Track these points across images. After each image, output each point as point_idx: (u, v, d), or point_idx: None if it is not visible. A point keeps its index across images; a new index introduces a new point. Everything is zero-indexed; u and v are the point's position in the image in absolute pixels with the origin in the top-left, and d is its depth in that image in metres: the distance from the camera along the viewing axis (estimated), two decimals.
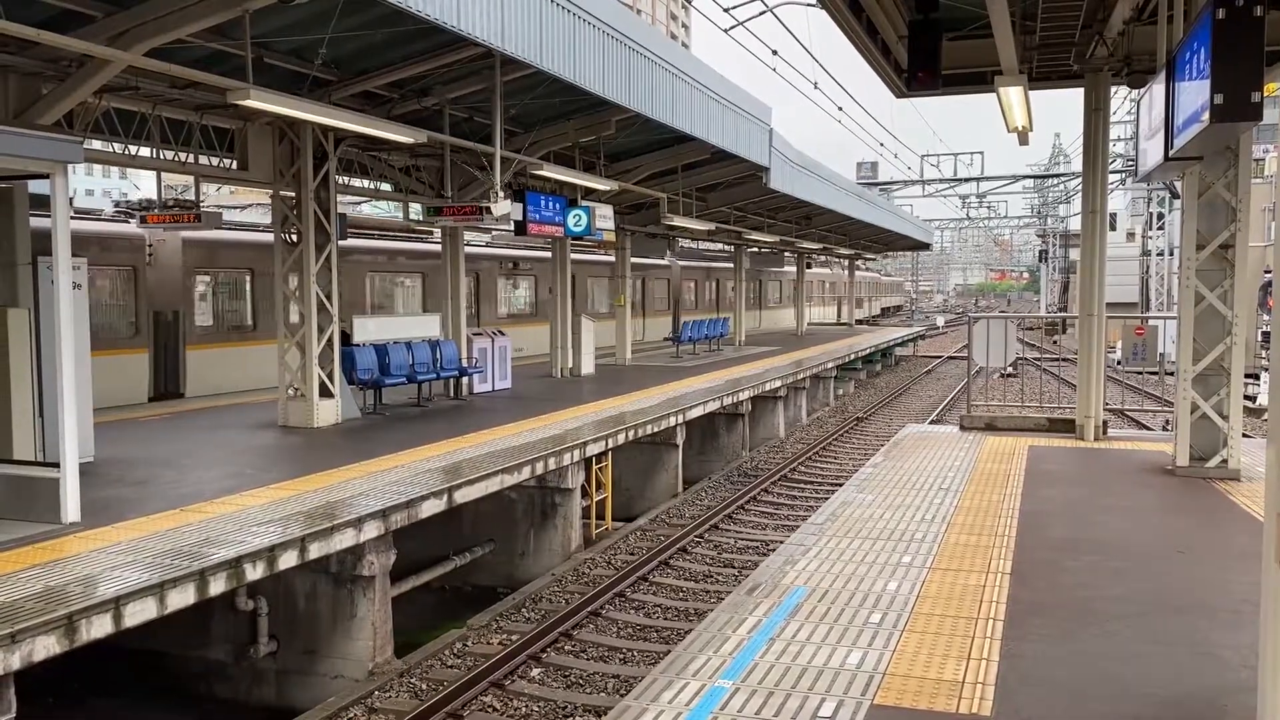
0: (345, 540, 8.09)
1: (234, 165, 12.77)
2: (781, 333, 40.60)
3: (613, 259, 24.73)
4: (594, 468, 12.85)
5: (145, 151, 12.07)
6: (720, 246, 37.43)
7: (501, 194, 12.37)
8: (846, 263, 48.89)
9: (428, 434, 12.60)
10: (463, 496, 9.71)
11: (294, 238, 13.02)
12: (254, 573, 7.17)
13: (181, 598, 6.57)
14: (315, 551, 7.76)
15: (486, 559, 12.09)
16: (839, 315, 55.53)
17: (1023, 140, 11.99)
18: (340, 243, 13.64)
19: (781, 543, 8.06)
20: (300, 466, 10.32)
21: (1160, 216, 46.32)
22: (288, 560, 7.47)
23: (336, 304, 13.27)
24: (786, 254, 40.23)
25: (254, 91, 8.90)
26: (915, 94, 12.12)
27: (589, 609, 10.18)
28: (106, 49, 8.74)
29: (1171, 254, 45.11)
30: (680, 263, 37.06)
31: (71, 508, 7.81)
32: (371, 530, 8.37)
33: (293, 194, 12.97)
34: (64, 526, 7.70)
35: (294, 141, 12.83)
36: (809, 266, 45.36)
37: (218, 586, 6.86)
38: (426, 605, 11.55)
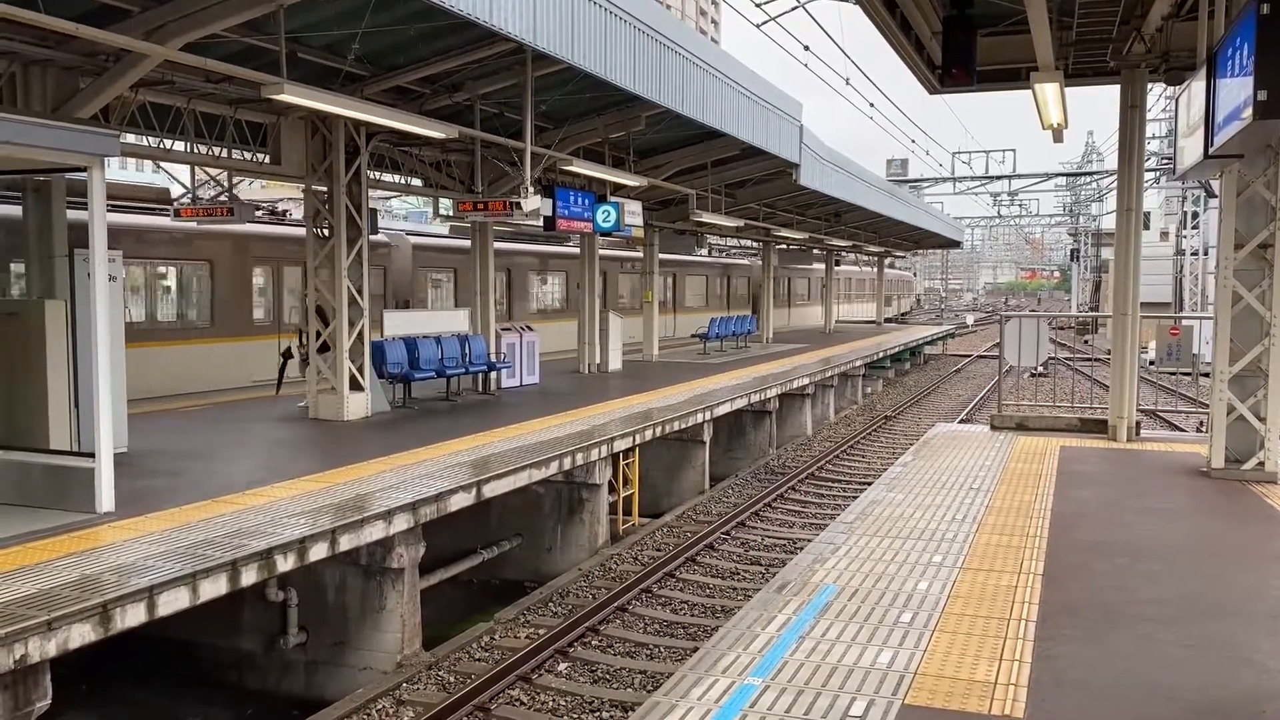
0: (375, 533, 8.13)
1: (267, 160, 12.86)
2: (809, 330, 40.44)
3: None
4: (621, 463, 12.85)
5: (179, 146, 12.19)
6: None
7: (531, 189, 12.38)
8: (877, 260, 48.66)
9: (456, 428, 12.65)
10: (491, 490, 9.74)
11: (325, 232, 13.10)
12: (285, 564, 7.22)
13: (214, 588, 6.62)
14: (345, 544, 7.81)
15: (514, 553, 12.12)
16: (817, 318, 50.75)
17: (1057, 138, 11.88)
18: None
19: (810, 541, 8.03)
20: (330, 459, 10.39)
21: (1195, 215, 45.73)
22: (318, 552, 7.52)
23: (368, 298, 13.35)
24: (815, 251, 40.02)
25: (288, 86, 8.95)
26: (949, 91, 12.05)
27: (616, 604, 10.18)
28: (143, 43, 8.83)
29: (1206, 254, 44.54)
30: (419, 240, 23.21)
31: (106, 497, 7.90)
32: (401, 523, 8.41)
33: (324, 188, 13.05)
34: (98, 516, 7.79)
35: (326, 136, 12.91)
36: (838, 264, 45.17)
37: (249, 577, 6.91)
38: (454, 598, 11.59)
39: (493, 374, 16.69)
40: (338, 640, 8.80)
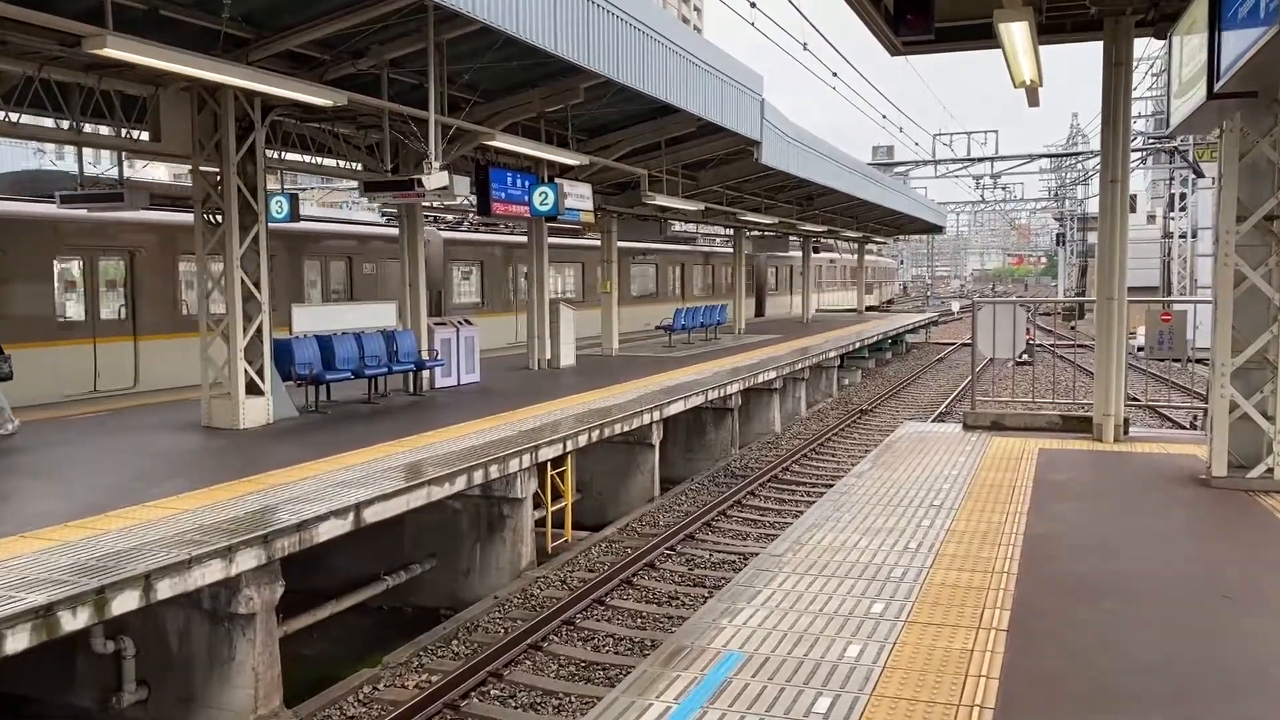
0: (210, 574, 6.73)
1: (146, 137, 11.42)
2: (786, 320, 39.07)
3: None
4: (550, 474, 11.46)
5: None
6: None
7: (437, 165, 10.94)
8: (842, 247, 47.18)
9: (366, 436, 11.24)
10: (375, 514, 8.33)
11: (217, 218, 11.67)
12: (72, 622, 5.81)
13: None
14: (167, 590, 6.40)
15: (428, 576, 10.76)
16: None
17: (1032, 100, 10.52)
18: None
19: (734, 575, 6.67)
20: (197, 477, 8.97)
21: (1182, 197, 44.49)
22: (125, 603, 6.11)
23: (266, 291, 11.92)
24: (792, 238, 38.61)
25: (111, 39, 7.51)
26: (909, 45, 10.66)
27: (528, 641, 8.82)
28: None
29: (1195, 236, 43.35)
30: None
31: None
32: (248, 559, 7.01)
33: (216, 169, 11.61)
34: None
35: (216, 111, 11.46)
36: (816, 251, 43.81)
37: (17, 642, 5.50)
38: (360, 629, 10.26)
39: (425, 373, 15.28)
40: (183, 696, 7.43)
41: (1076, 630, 5.08)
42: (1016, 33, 7.70)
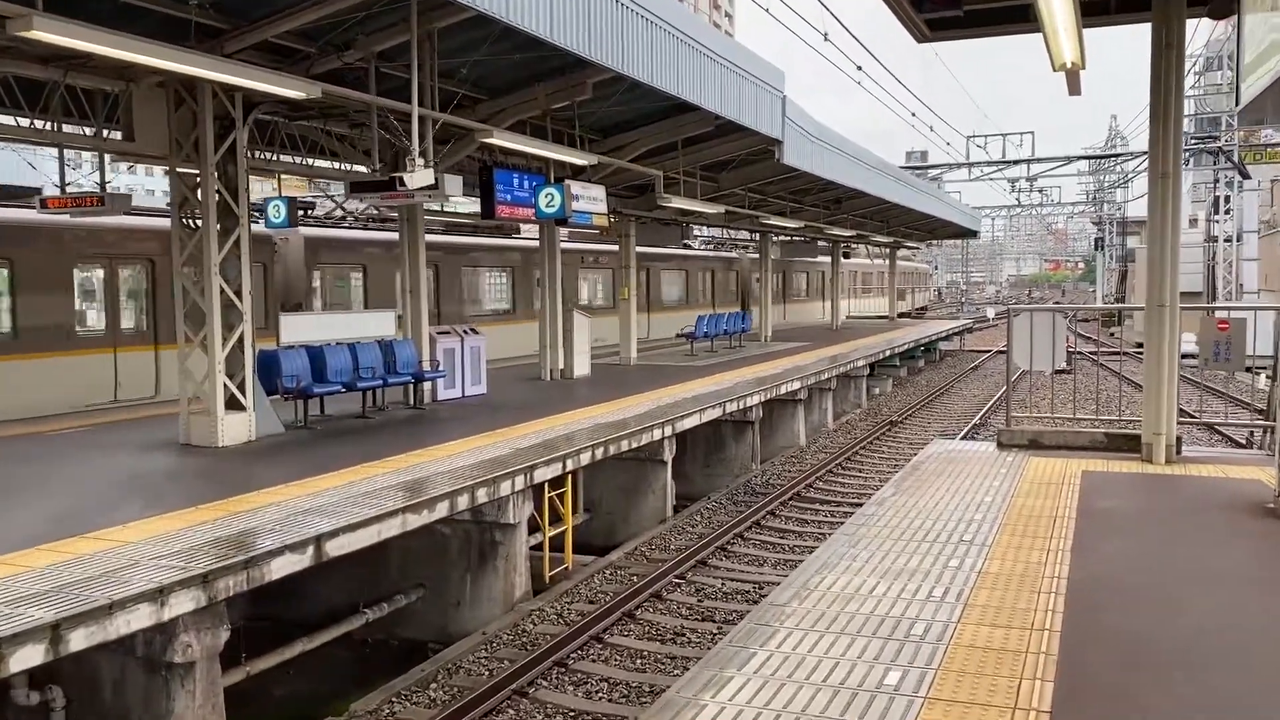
0: (137, 620, 5.95)
1: (119, 136, 10.74)
2: (814, 327, 38.05)
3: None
4: (548, 495, 10.63)
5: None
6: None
7: (420, 162, 10.15)
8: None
9: (351, 455, 10.46)
10: (340, 547, 7.52)
11: (195, 222, 10.97)
12: None
13: None
14: (81, 641, 5.62)
15: (415, 608, 9.98)
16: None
17: (1073, 86, 9.57)
18: None
19: (777, 584, 5.82)
20: (154, 503, 8.22)
21: (1227, 199, 43.02)
22: (26, 658, 5.34)
23: (249, 300, 11.19)
24: (821, 243, 37.59)
25: (39, 19, 6.77)
26: (936, 30, 9.77)
27: (513, 686, 7.99)
28: None
29: (1240, 240, 41.91)
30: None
31: None
32: (184, 602, 6.22)
33: (195, 170, 10.91)
34: None
35: (194, 108, 10.76)
36: (846, 256, 42.76)
37: None
38: (340, 664, 9.51)
39: (426, 385, 14.51)
40: None
41: (1138, 714, 4.16)
42: (1057, 6, 6.79)
